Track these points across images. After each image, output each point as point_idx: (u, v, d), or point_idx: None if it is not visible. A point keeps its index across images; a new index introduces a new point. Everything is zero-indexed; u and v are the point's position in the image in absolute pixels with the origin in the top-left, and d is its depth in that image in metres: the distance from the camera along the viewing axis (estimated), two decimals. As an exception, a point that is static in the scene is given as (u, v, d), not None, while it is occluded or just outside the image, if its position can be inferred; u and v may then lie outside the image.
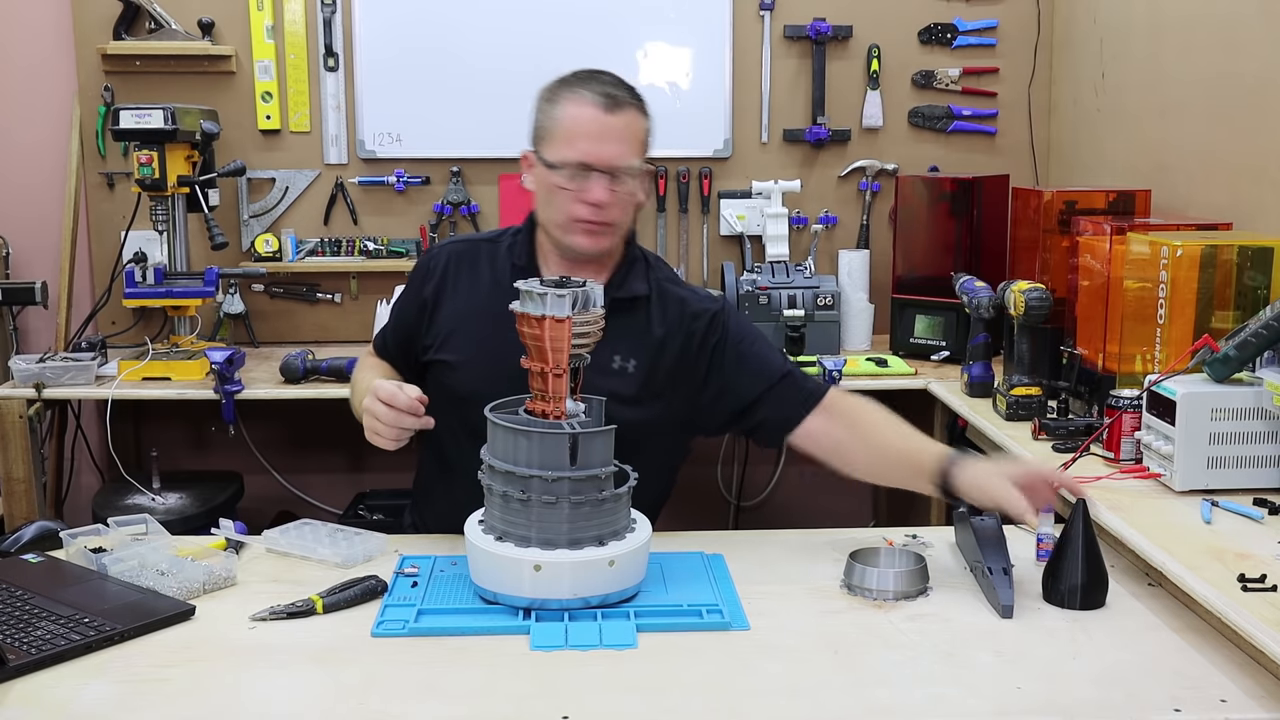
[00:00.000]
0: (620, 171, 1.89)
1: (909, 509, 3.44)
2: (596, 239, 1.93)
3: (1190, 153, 2.80)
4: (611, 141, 1.89)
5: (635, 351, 1.95)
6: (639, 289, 1.99)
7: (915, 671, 1.45)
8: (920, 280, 3.29)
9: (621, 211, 1.93)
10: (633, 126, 1.92)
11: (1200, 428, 1.89)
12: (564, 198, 1.90)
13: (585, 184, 1.88)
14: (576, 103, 1.91)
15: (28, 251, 3.57)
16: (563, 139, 1.90)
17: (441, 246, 2.10)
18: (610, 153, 1.88)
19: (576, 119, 1.89)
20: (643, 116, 1.96)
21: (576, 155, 1.88)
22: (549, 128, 1.93)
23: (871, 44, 3.60)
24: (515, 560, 1.58)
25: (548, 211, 1.95)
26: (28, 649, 1.47)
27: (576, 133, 1.89)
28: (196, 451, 3.69)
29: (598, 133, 1.88)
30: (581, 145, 1.88)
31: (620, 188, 1.90)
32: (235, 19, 3.50)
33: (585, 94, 1.91)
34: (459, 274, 2.03)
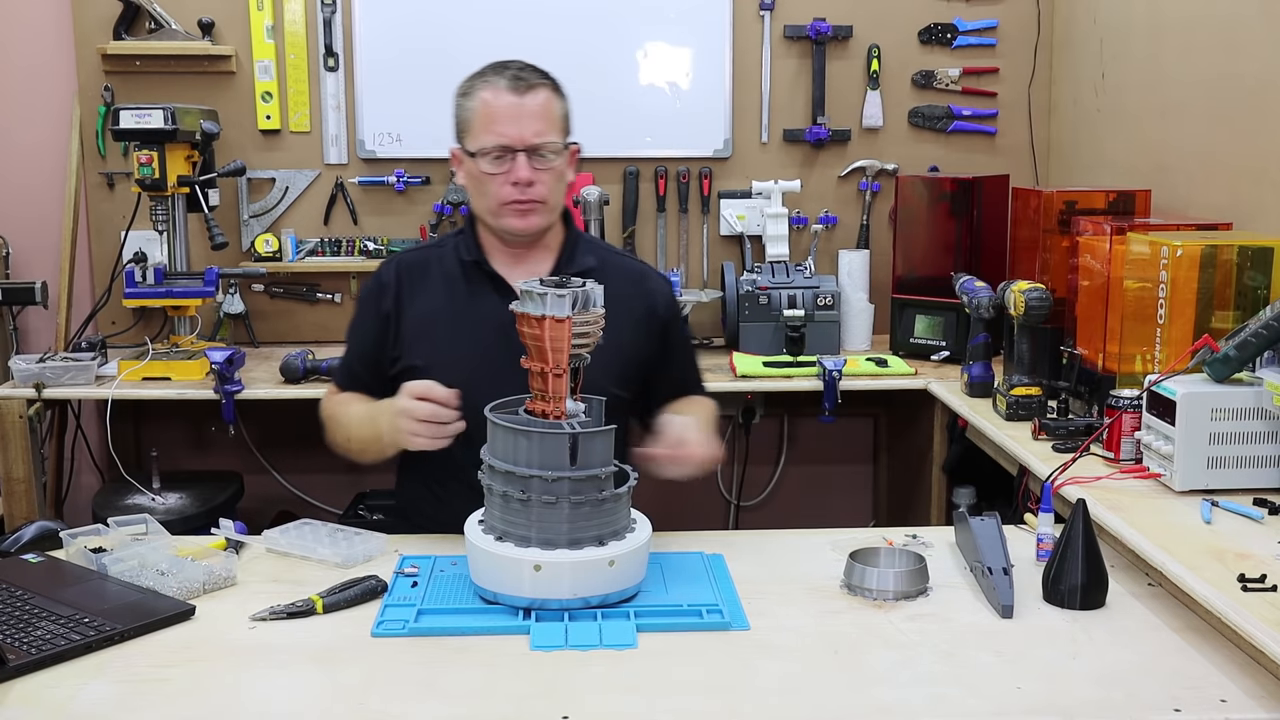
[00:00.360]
0: (540, 149, 1.96)
1: (909, 509, 3.44)
2: (527, 218, 1.99)
3: (1190, 153, 2.80)
4: (527, 120, 1.95)
5: None
6: (588, 262, 2.06)
7: (915, 671, 1.45)
8: (920, 280, 3.29)
9: (548, 189, 1.99)
10: (547, 105, 1.98)
11: (1200, 428, 1.89)
12: (491, 183, 1.97)
13: (508, 165, 1.95)
14: (488, 90, 1.97)
15: (28, 251, 3.58)
16: (480, 126, 1.96)
17: (387, 263, 2.14)
18: (528, 130, 1.94)
19: (490, 104, 1.96)
20: (557, 96, 2.02)
21: (494, 139, 1.95)
22: (467, 119, 2.00)
23: (871, 44, 3.60)
24: (515, 560, 1.58)
25: (479, 201, 2.02)
26: (28, 649, 1.47)
27: (492, 117, 1.95)
28: (196, 451, 3.69)
29: (512, 114, 1.95)
30: (498, 128, 1.95)
31: (543, 165, 1.97)
32: (235, 19, 3.50)
33: (495, 79, 1.97)
34: (412, 282, 2.07)
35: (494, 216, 2.00)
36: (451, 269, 2.06)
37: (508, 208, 1.97)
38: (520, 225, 1.99)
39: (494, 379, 1.77)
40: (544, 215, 2.01)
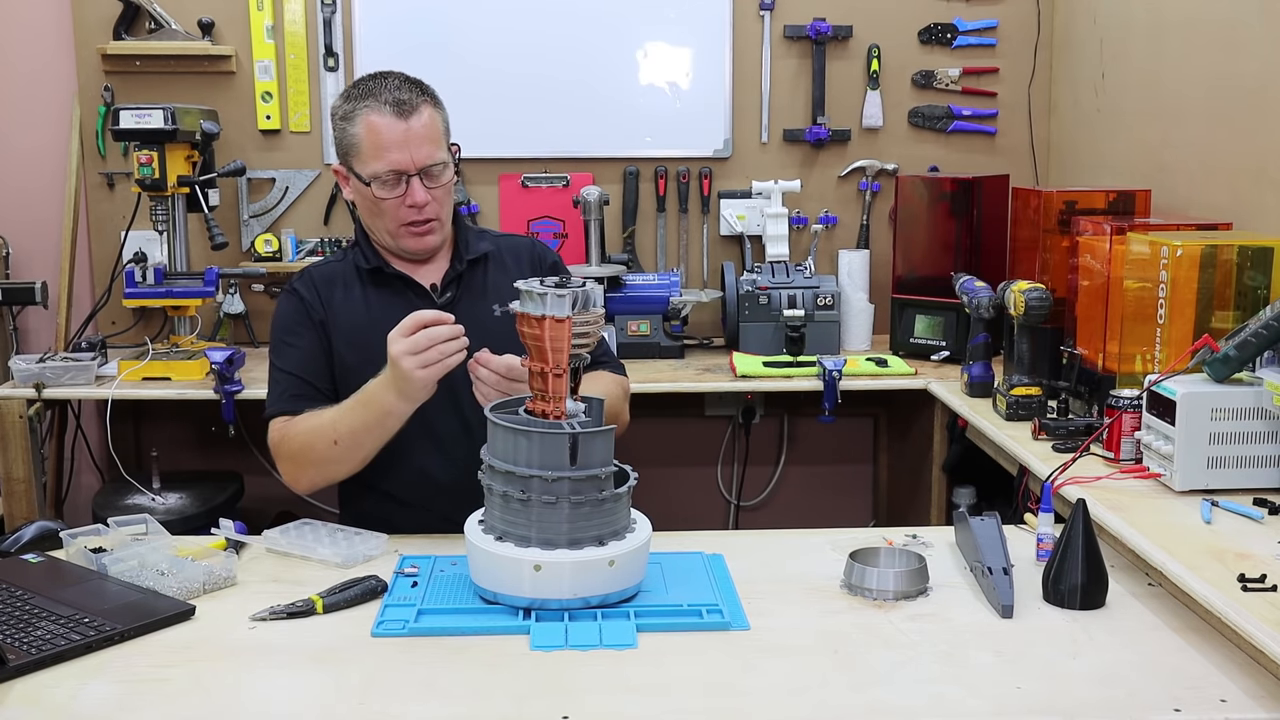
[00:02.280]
0: (430, 170, 1.99)
1: (909, 509, 3.44)
2: (425, 238, 2.05)
3: (1190, 153, 2.80)
4: (415, 144, 1.98)
5: (505, 298, 2.04)
6: (484, 247, 2.15)
7: (915, 671, 1.45)
8: (920, 280, 3.29)
9: (440, 205, 2.04)
10: (431, 124, 2.01)
11: (1200, 428, 1.89)
12: (387, 207, 2.00)
13: (402, 190, 1.98)
14: (372, 114, 1.98)
15: (28, 251, 3.57)
16: (369, 153, 1.98)
17: (298, 279, 2.14)
18: (419, 155, 1.99)
19: (376, 129, 1.98)
20: (437, 109, 2.05)
21: (387, 166, 1.97)
22: (353, 145, 2.01)
23: (871, 44, 3.60)
24: (515, 560, 1.58)
25: (375, 222, 2.06)
26: (28, 649, 1.47)
27: (380, 145, 1.97)
28: (196, 451, 3.69)
29: (400, 140, 1.97)
30: (389, 156, 1.97)
31: (435, 184, 2.01)
32: (235, 19, 3.50)
33: (377, 105, 1.98)
34: (329, 293, 2.10)
35: (392, 237, 2.05)
36: (362, 276, 2.09)
37: (405, 229, 2.02)
38: (419, 245, 2.05)
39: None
40: (440, 233, 2.07)
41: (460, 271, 2.10)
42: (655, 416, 3.31)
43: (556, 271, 2.18)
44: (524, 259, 2.18)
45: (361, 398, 1.89)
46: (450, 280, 2.09)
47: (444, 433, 2.02)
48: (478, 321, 1.92)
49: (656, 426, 3.57)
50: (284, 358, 2.07)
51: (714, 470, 3.85)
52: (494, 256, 2.15)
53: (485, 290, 2.11)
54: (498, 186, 3.61)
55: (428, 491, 2.04)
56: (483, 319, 2.01)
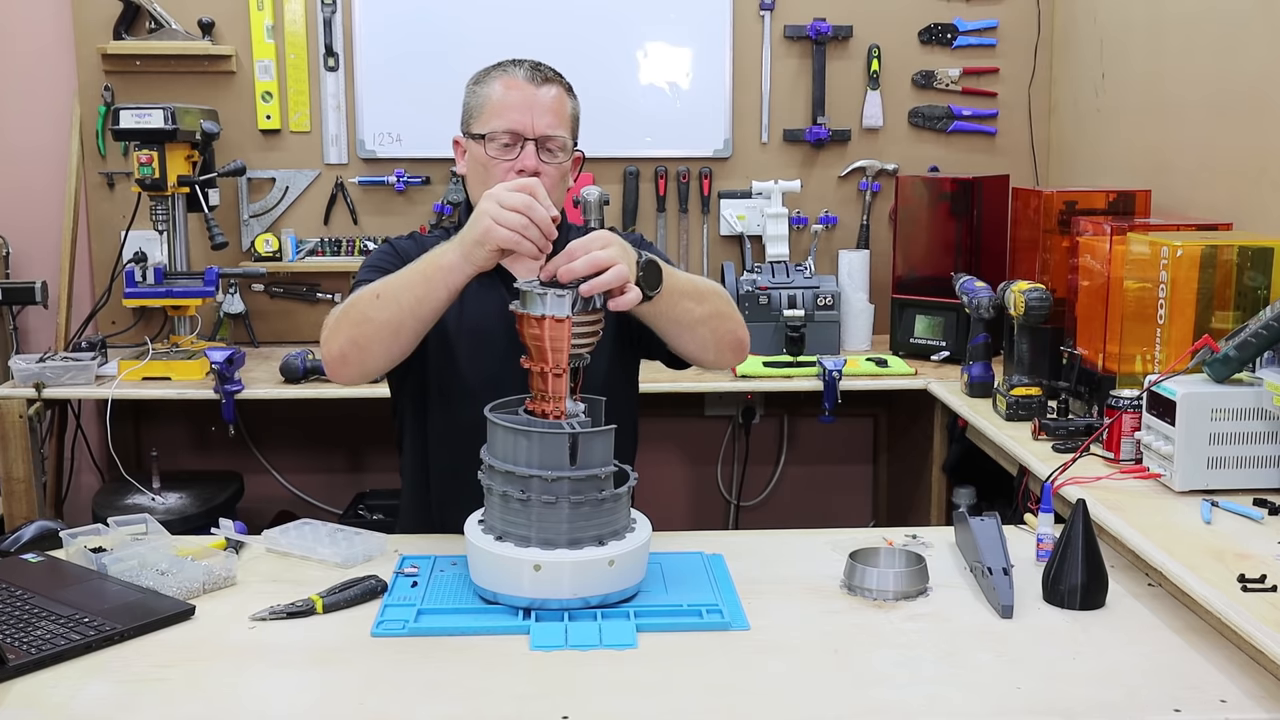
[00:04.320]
0: (549, 142, 1.94)
1: (909, 509, 3.44)
2: None
3: (1190, 153, 2.80)
4: (540, 111, 1.93)
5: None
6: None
7: (915, 671, 1.45)
8: (920, 280, 3.29)
9: (552, 184, 1.92)
10: (560, 100, 1.97)
11: (1200, 428, 1.89)
12: (496, 170, 1.92)
13: (515, 153, 1.93)
14: (504, 78, 1.96)
15: (28, 251, 3.58)
16: (492, 112, 1.94)
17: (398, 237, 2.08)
18: (540, 122, 1.92)
19: (505, 90, 1.95)
20: (570, 96, 2.01)
21: (505, 123, 1.92)
22: (478, 105, 1.98)
23: (871, 44, 3.60)
24: (515, 560, 1.58)
25: (480, 189, 1.91)
26: (28, 649, 1.47)
27: (505, 104, 1.93)
28: (196, 451, 3.69)
29: (526, 103, 1.93)
30: (511, 115, 1.93)
31: (549, 160, 1.94)
32: (235, 19, 3.50)
33: (512, 69, 1.97)
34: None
35: None
36: None
37: None
38: None
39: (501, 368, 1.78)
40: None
41: None
42: (655, 416, 3.31)
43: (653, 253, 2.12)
44: None
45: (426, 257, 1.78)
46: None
47: None
48: None
49: (656, 426, 3.57)
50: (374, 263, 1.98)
51: (714, 470, 3.85)
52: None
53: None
54: (498, 186, 3.61)
55: None
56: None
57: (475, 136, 1.96)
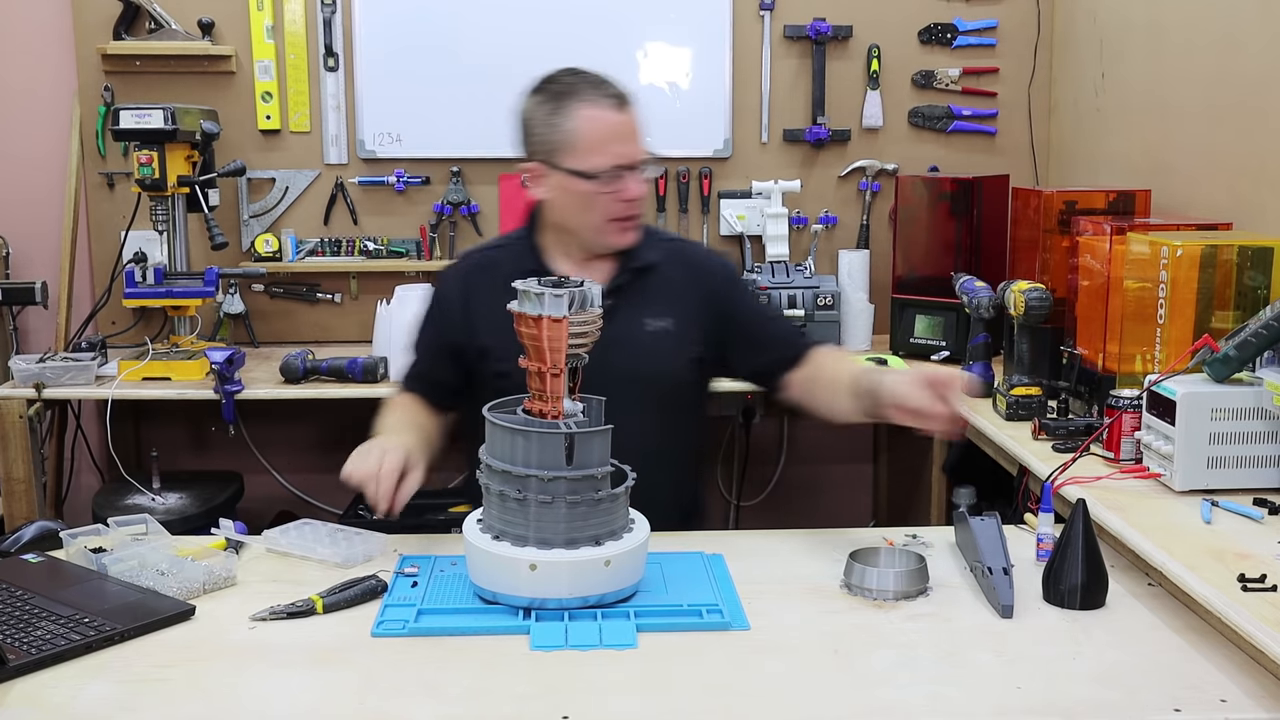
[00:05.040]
0: (643, 164, 2.00)
1: (909, 509, 3.44)
2: (631, 234, 2.04)
3: (1190, 153, 2.80)
4: (631, 139, 2.00)
5: (665, 311, 2.06)
6: (652, 257, 2.09)
7: (915, 671, 1.45)
8: (920, 280, 3.29)
9: (645, 202, 2.04)
10: (640, 119, 2.02)
11: (1200, 428, 1.89)
12: (601, 201, 1.98)
13: (620, 184, 1.97)
14: (590, 109, 1.97)
15: (28, 251, 3.58)
16: (589, 148, 1.96)
17: (450, 268, 2.20)
18: (636, 150, 1.99)
19: (598, 126, 1.96)
20: (638, 106, 2.05)
21: (610, 160, 1.96)
22: (567, 141, 1.97)
23: (871, 44, 3.60)
24: (512, 560, 1.58)
25: (583, 218, 2.01)
26: (28, 649, 1.47)
27: (602, 139, 1.96)
28: (196, 451, 3.69)
29: (620, 134, 1.98)
30: (612, 149, 1.96)
31: (644, 180, 2.02)
32: (235, 19, 3.50)
33: (595, 97, 1.97)
34: (480, 280, 2.09)
35: (597, 233, 2.02)
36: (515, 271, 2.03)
37: (614, 224, 2.01)
38: (624, 241, 2.04)
39: None
40: (641, 228, 2.07)
41: (626, 280, 2.06)
42: (655, 416, 3.31)
43: (735, 281, 2.17)
44: (691, 268, 2.12)
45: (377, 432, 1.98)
46: (613, 289, 2.02)
47: None
48: (632, 333, 1.97)
49: (656, 426, 3.57)
50: (422, 338, 2.16)
51: (714, 470, 3.85)
52: (661, 266, 2.08)
53: (647, 300, 2.06)
54: (498, 186, 3.61)
55: None
56: (637, 330, 2.02)
57: (575, 173, 1.97)
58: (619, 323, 1.92)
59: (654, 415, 2.02)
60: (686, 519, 2.13)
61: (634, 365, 1.98)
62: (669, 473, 2.06)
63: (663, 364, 2.04)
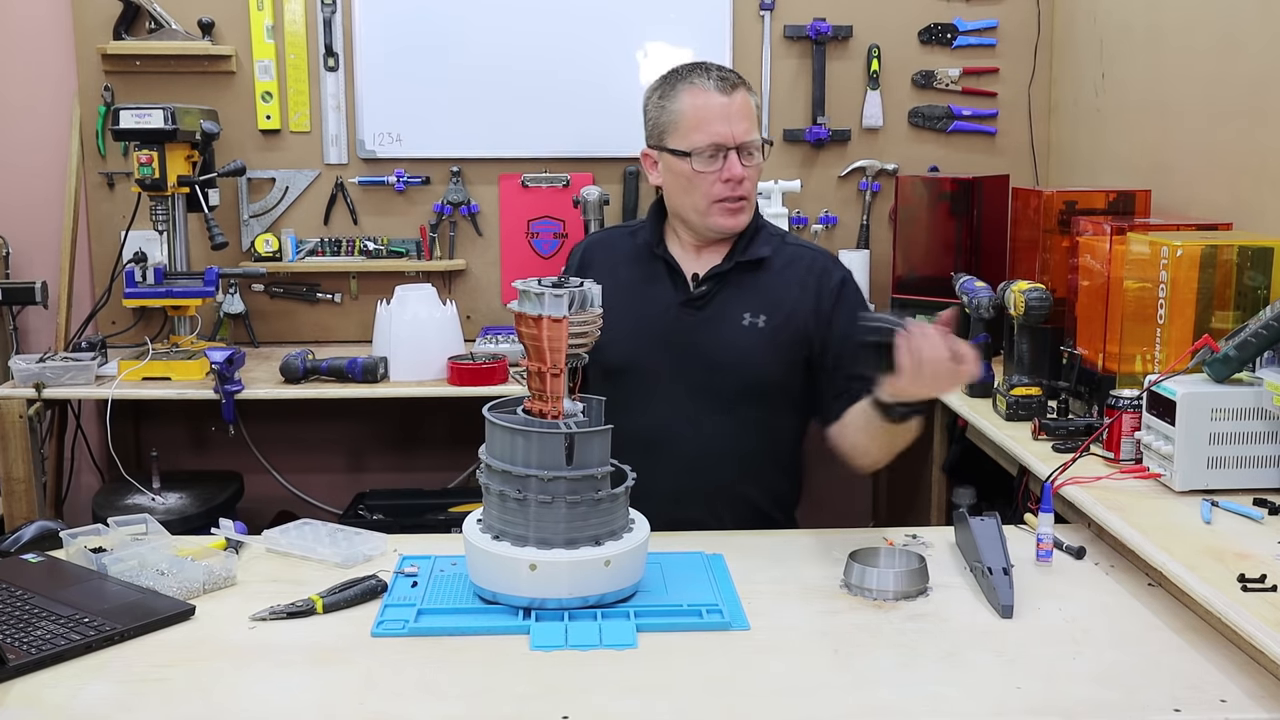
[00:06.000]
0: (748, 146, 2.01)
1: (909, 509, 3.44)
2: (737, 215, 2.05)
3: (1190, 153, 2.80)
4: (736, 119, 2.01)
5: (764, 308, 2.07)
6: (762, 252, 2.10)
7: (915, 671, 1.45)
8: (920, 280, 3.29)
9: (753, 185, 2.06)
10: (748, 103, 2.04)
11: (1200, 428, 1.89)
12: (702, 181, 2.02)
13: (720, 164, 2.00)
14: (695, 91, 2.02)
15: (28, 251, 3.58)
16: (690, 127, 2.01)
17: (579, 243, 2.25)
18: (738, 130, 2.01)
19: (700, 106, 2.01)
20: (752, 94, 2.07)
21: (708, 138, 2.00)
22: (672, 121, 2.04)
23: (871, 44, 3.60)
24: (512, 560, 1.58)
25: (686, 199, 2.06)
26: (28, 649, 1.47)
27: (703, 118, 2.00)
28: (196, 451, 3.69)
29: (722, 114, 2.00)
30: (712, 128, 2.00)
31: (750, 162, 2.03)
32: (235, 19, 3.50)
33: (701, 80, 2.02)
34: (595, 256, 2.16)
35: (702, 215, 2.05)
36: (634, 251, 2.13)
37: (718, 205, 2.03)
38: (730, 224, 2.05)
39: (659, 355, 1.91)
40: (749, 212, 2.08)
41: (728, 269, 2.08)
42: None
43: (843, 290, 2.11)
44: (803, 271, 2.11)
45: None
46: (714, 274, 2.07)
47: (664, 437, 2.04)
48: (723, 323, 1.99)
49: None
50: None
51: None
52: (772, 263, 2.09)
53: (747, 294, 2.07)
54: (498, 186, 3.61)
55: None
56: (730, 322, 2.03)
57: (676, 152, 2.02)
58: (712, 311, 2.01)
59: (731, 408, 2.04)
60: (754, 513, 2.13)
61: (715, 355, 2.02)
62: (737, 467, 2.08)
63: (748, 359, 2.03)
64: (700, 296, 2.07)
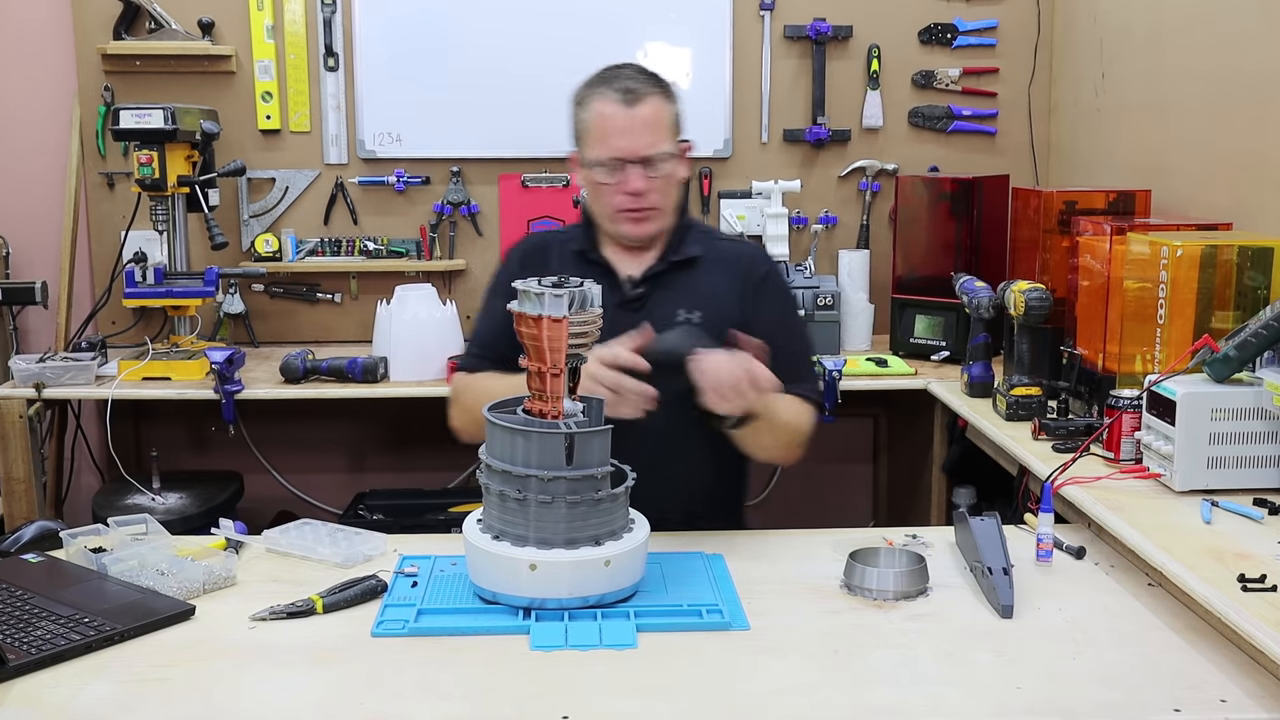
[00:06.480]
0: (652, 160, 2.02)
1: (909, 509, 3.44)
2: (641, 225, 2.07)
3: (1190, 153, 2.80)
4: (639, 133, 2.01)
5: (698, 304, 2.08)
6: (694, 251, 2.12)
7: (915, 671, 1.45)
8: (920, 280, 3.29)
9: (661, 195, 2.06)
10: (657, 114, 2.04)
11: (1200, 428, 1.89)
12: (606, 191, 2.05)
13: (622, 176, 2.02)
14: (600, 102, 2.04)
15: (28, 251, 3.58)
16: (595, 138, 2.04)
17: (514, 246, 2.25)
18: (640, 144, 2.01)
19: (602, 117, 2.03)
20: (667, 101, 2.07)
21: (609, 152, 2.02)
22: (583, 130, 2.08)
23: (871, 44, 3.60)
24: (512, 560, 1.58)
25: (596, 206, 2.10)
26: (28, 649, 1.47)
27: (605, 130, 2.03)
28: (196, 451, 3.69)
29: (623, 128, 2.01)
30: (611, 142, 2.02)
31: (656, 173, 2.03)
32: (235, 19, 3.50)
33: (607, 92, 2.04)
34: (533, 260, 2.14)
35: (610, 222, 2.08)
36: (569, 255, 2.14)
37: (622, 215, 2.05)
38: (635, 232, 2.07)
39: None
40: (657, 221, 2.08)
41: (662, 269, 2.10)
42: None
43: (765, 285, 2.14)
44: (733, 268, 2.14)
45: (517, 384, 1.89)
46: (650, 275, 2.10)
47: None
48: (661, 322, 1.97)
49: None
50: (479, 317, 2.21)
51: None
52: (704, 261, 2.12)
53: (681, 293, 2.09)
54: (498, 186, 3.61)
55: None
56: (667, 320, 2.03)
57: (585, 162, 2.07)
58: (650, 310, 2.02)
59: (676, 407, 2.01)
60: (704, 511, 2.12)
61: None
62: (685, 461, 2.07)
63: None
64: (637, 298, 2.08)
